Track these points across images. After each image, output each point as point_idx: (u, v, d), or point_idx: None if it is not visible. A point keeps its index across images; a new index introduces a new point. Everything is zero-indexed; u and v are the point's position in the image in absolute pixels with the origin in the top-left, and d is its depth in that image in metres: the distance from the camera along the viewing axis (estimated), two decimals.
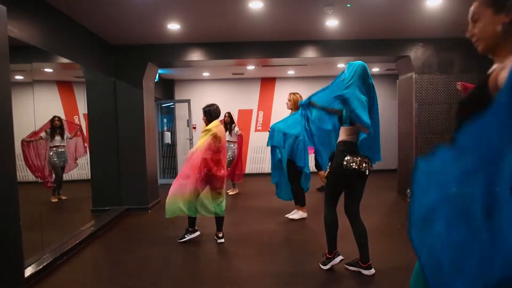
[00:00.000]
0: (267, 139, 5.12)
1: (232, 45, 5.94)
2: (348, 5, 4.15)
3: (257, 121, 9.40)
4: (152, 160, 6.09)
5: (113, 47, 5.69)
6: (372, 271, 3.06)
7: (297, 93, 5.08)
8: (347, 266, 3.21)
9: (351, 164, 2.87)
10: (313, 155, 4.46)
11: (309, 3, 4.18)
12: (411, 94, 6.11)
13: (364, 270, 3.08)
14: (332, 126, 3.52)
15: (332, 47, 6.07)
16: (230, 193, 6.76)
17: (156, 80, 6.57)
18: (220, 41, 5.85)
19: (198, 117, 9.16)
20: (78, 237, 4.15)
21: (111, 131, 5.62)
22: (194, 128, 8.78)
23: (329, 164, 3.11)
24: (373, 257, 3.10)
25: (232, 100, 9.09)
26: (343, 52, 6.13)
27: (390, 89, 9.48)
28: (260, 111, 9.59)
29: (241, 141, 6.80)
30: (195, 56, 5.94)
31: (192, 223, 4.12)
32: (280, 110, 9.52)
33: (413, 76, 6.10)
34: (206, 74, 8.65)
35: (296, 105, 5.02)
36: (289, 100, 5.06)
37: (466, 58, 6.05)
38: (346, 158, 2.89)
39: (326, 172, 3.14)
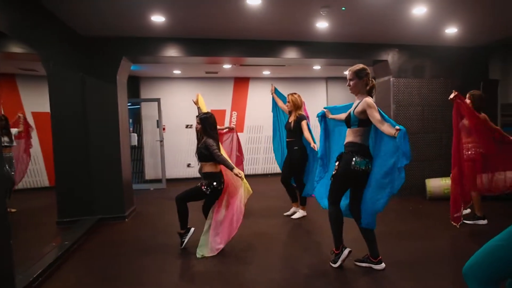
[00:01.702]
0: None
1: (214, 42, 5.91)
2: (343, 8, 4.23)
3: (230, 121, 9.32)
4: (127, 163, 5.81)
5: (82, 38, 5.37)
6: (383, 265, 3.25)
7: (295, 93, 5.08)
8: (358, 263, 3.37)
9: (359, 165, 3.05)
10: None
11: (307, 4, 4.25)
12: (389, 96, 6.40)
13: (375, 265, 3.25)
14: None
15: (312, 48, 6.28)
16: None
17: None
18: (202, 37, 5.80)
19: (168, 117, 8.87)
20: (50, 256, 3.68)
21: (79, 132, 5.26)
22: (164, 129, 8.46)
23: (337, 164, 3.22)
24: (382, 253, 3.29)
25: (204, 99, 8.84)
26: (323, 54, 6.35)
27: None
28: (233, 112, 9.48)
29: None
30: (173, 51, 5.79)
31: (184, 224, 4.02)
32: (254, 111, 9.51)
33: (391, 80, 6.37)
34: (177, 72, 8.41)
35: (295, 106, 5.03)
36: (288, 101, 5.02)
37: (436, 64, 6.65)
38: (354, 159, 3.06)
39: (334, 172, 3.24)
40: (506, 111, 6.73)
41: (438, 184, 6.02)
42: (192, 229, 4.04)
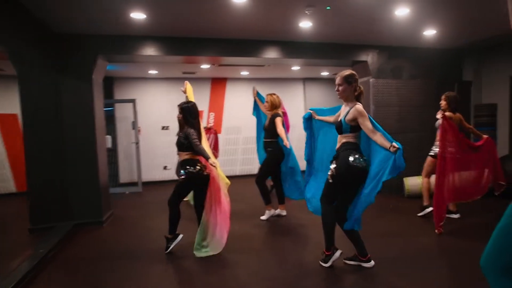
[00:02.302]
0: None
1: (195, 41, 5.86)
2: (328, 8, 4.27)
3: (208, 122, 9.20)
4: (104, 166, 5.65)
5: (56, 36, 5.16)
6: (372, 263, 3.34)
7: (274, 94, 5.09)
8: (347, 261, 3.44)
9: (358, 162, 3.08)
10: None
11: (292, 3, 4.28)
12: (368, 97, 6.57)
13: (364, 263, 3.33)
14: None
15: (293, 48, 6.34)
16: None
17: None
18: (182, 36, 5.74)
19: (143, 119, 8.67)
20: (24, 267, 3.47)
21: (53, 135, 5.07)
22: (139, 131, 8.26)
23: (333, 166, 3.21)
24: (369, 250, 3.37)
25: (181, 100, 8.69)
26: (303, 54, 6.44)
27: None
28: (211, 113, 9.39)
29: None
30: (152, 50, 5.69)
31: (173, 228, 3.93)
32: (232, 112, 9.47)
33: (370, 80, 6.49)
34: (153, 72, 8.25)
35: (272, 106, 5.04)
36: (266, 101, 5.03)
37: (414, 66, 6.89)
38: (352, 156, 3.09)
39: (330, 171, 3.25)
40: (479, 111, 7.06)
41: (415, 182, 6.23)
42: (181, 235, 3.97)
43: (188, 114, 3.91)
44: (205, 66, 7.64)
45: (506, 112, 6.79)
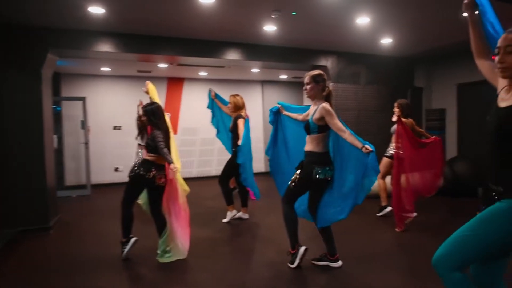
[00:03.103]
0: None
1: (153, 39, 5.77)
2: (294, 13, 4.39)
3: None
4: (51, 168, 5.35)
5: (1, 25, 4.78)
6: (340, 263, 3.49)
7: (238, 95, 5.10)
8: (315, 262, 3.55)
9: (320, 175, 3.23)
10: None
11: (259, 6, 4.36)
12: None
13: (332, 263, 3.47)
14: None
15: (255, 51, 6.46)
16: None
17: None
18: (140, 33, 5.61)
19: (93, 118, 8.29)
20: None
21: None
22: (89, 130, 7.89)
23: (298, 172, 3.35)
24: (339, 250, 3.53)
25: (134, 100, 8.31)
26: (264, 57, 6.57)
27: (296, 95, 10.22)
28: (167, 113, 9.11)
29: None
30: (108, 47, 5.50)
31: (127, 232, 3.81)
32: (189, 113, 9.34)
33: (330, 85, 6.70)
34: (106, 69, 7.92)
35: (236, 107, 5.06)
36: (230, 103, 5.03)
37: (370, 72, 7.31)
38: (315, 170, 3.24)
39: (294, 176, 3.37)
40: (430, 115, 7.60)
41: None
42: (134, 238, 3.83)
43: (152, 115, 3.82)
44: (162, 65, 7.48)
45: (454, 117, 7.38)
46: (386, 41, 6.15)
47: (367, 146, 3.01)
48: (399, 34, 5.86)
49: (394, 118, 4.82)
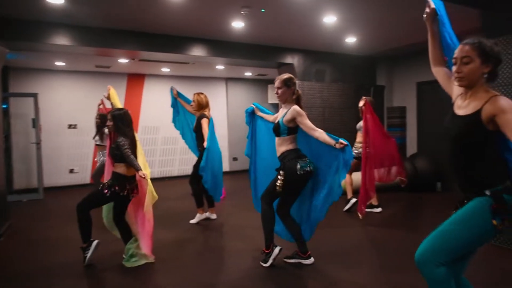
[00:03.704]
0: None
1: (113, 32, 5.57)
2: (263, 10, 4.42)
3: None
4: (1, 170, 4.92)
5: None
6: (312, 259, 3.55)
7: (202, 94, 5.03)
8: (287, 260, 3.60)
9: (305, 167, 3.28)
10: None
11: (229, 2, 4.36)
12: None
13: (304, 260, 3.53)
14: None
15: (220, 47, 6.42)
16: None
17: None
18: (99, 26, 5.40)
19: (46, 116, 7.87)
20: None
21: None
22: (40, 129, 7.46)
23: (280, 177, 3.32)
24: (310, 247, 3.59)
25: (92, 97, 8.12)
26: (230, 53, 6.56)
27: (261, 93, 10.28)
28: None
29: None
30: (65, 40, 5.23)
31: (87, 236, 3.64)
32: (150, 111, 9.12)
33: (296, 83, 6.79)
34: (60, 63, 7.51)
35: (199, 105, 4.98)
36: (193, 101, 4.94)
37: (335, 70, 7.52)
38: (299, 164, 3.28)
39: (279, 181, 3.34)
40: (391, 113, 7.91)
41: None
42: (95, 241, 3.67)
43: (120, 121, 3.66)
44: (122, 61, 7.22)
45: (413, 114, 7.72)
46: (351, 40, 6.33)
47: (341, 141, 3.11)
48: (363, 34, 6.06)
49: (361, 103, 5.04)
